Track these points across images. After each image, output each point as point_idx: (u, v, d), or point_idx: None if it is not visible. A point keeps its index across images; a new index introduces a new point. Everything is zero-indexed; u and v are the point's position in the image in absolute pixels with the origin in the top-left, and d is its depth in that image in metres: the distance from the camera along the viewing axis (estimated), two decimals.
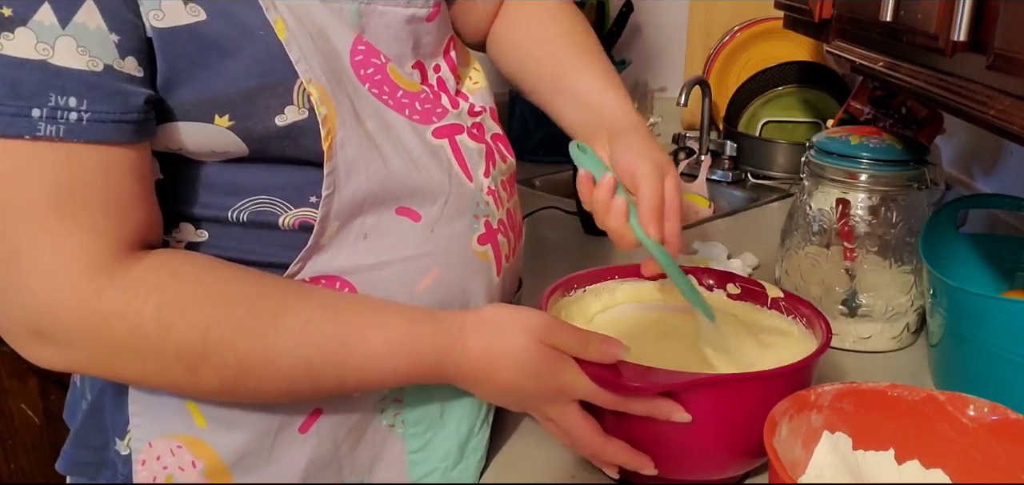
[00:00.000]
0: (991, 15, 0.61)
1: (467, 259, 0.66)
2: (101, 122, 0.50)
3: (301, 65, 0.55)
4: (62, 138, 0.49)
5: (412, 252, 0.62)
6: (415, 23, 0.64)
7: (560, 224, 1.34)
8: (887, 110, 1.33)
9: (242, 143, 0.56)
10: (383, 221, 0.61)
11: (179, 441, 0.62)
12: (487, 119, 0.71)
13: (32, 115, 0.48)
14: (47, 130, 0.48)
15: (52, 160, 0.49)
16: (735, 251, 1.19)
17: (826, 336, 0.69)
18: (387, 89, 0.62)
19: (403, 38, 0.64)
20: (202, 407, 0.61)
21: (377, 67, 0.62)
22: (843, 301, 0.94)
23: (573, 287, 0.80)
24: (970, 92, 0.68)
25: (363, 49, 0.61)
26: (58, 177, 0.49)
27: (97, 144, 0.50)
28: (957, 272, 0.90)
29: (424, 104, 0.65)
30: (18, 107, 0.48)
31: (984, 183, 1.29)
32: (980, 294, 0.82)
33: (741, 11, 1.75)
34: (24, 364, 1.65)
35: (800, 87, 1.67)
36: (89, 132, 0.50)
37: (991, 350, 0.78)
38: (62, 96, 0.49)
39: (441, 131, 0.66)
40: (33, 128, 0.48)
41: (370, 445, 0.66)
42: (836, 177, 0.95)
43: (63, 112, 0.49)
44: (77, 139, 0.49)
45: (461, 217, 0.65)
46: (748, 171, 1.63)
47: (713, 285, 0.83)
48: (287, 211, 0.59)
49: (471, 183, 0.67)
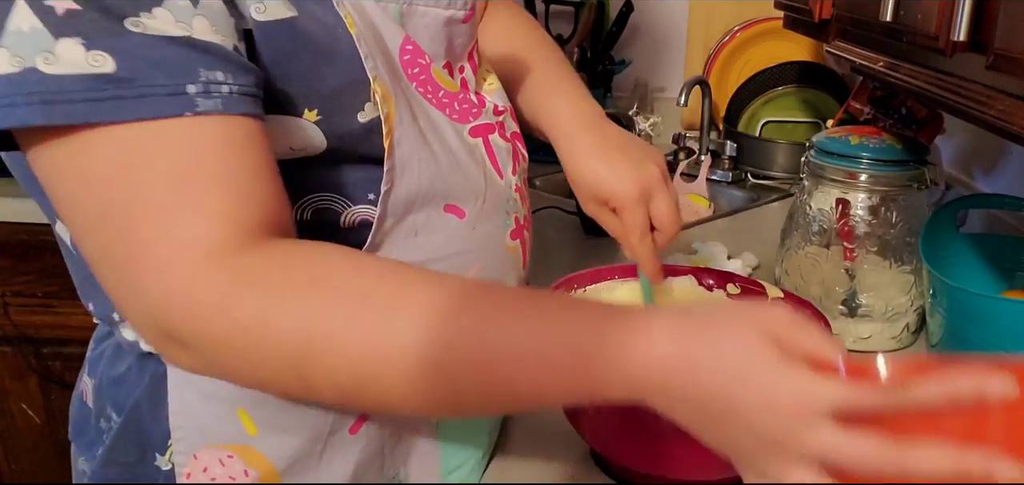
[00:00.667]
0: (991, 15, 0.61)
1: (502, 255, 0.67)
2: (245, 95, 0.48)
3: (369, 62, 0.55)
4: (222, 111, 0.47)
5: (458, 248, 0.63)
6: (452, 25, 0.64)
7: (560, 224, 1.34)
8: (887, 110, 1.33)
9: (324, 139, 0.55)
10: (432, 218, 0.61)
11: (230, 450, 0.60)
12: (508, 118, 0.72)
13: (188, 91, 0.46)
14: (205, 105, 0.46)
15: (179, 142, 0.46)
16: (735, 251, 1.19)
17: None
18: (431, 88, 0.62)
19: (439, 39, 0.63)
20: (252, 412, 0.59)
21: (422, 67, 0.62)
22: (843, 301, 0.94)
23: (573, 287, 0.80)
24: (970, 92, 0.68)
25: (411, 49, 0.61)
26: (182, 160, 0.46)
27: (244, 117, 0.48)
28: (957, 272, 0.90)
29: (461, 104, 0.66)
30: (173, 85, 0.45)
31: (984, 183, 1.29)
32: (980, 294, 0.82)
33: (741, 11, 1.75)
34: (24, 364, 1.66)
35: (800, 87, 1.67)
36: (239, 105, 0.48)
37: (991, 350, 0.78)
38: (210, 70, 0.47)
39: (476, 130, 0.66)
40: (193, 105, 0.46)
41: (406, 439, 0.66)
42: (836, 177, 0.95)
43: (215, 86, 0.47)
44: (231, 111, 0.47)
45: (496, 214, 0.66)
46: (748, 171, 1.63)
47: (713, 285, 0.83)
48: (348, 208, 0.58)
49: (502, 181, 0.67)
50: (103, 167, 0.46)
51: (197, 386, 0.59)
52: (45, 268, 1.47)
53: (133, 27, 0.45)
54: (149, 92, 0.45)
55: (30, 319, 1.50)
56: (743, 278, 0.82)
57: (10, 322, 1.50)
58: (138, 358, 0.61)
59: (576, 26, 1.76)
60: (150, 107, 0.45)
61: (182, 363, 0.51)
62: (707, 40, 1.81)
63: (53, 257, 1.45)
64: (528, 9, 1.75)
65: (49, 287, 1.48)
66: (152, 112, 0.45)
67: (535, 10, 1.75)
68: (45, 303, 1.49)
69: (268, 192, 0.50)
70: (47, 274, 1.47)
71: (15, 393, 1.54)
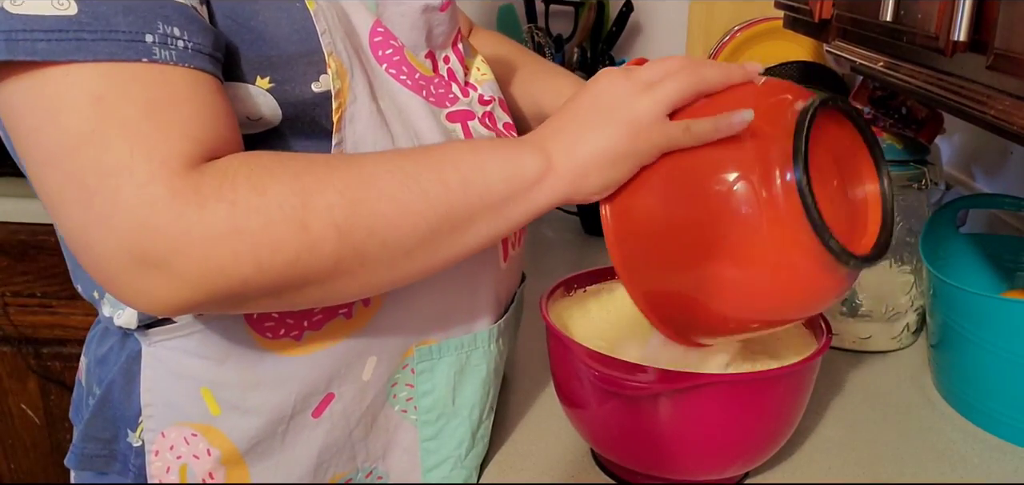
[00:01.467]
0: (991, 15, 0.61)
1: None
2: (200, 52, 0.50)
3: (325, 37, 0.56)
4: (175, 62, 0.49)
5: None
6: (429, 12, 0.65)
7: (560, 224, 1.34)
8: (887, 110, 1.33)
9: (278, 108, 0.56)
10: None
11: (193, 429, 0.62)
12: (497, 108, 0.72)
13: (145, 40, 0.48)
14: (161, 54, 0.49)
15: (150, 81, 0.49)
16: None
17: (826, 336, 0.69)
18: (405, 70, 0.63)
19: (418, 27, 0.65)
20: (216, 392, 0.61)
21: (396, 49, 0.63)
22: (843, 301, 0.94)
23: (573, 287, 0.80)
24: (970, 92, 0.68)
25: (382, 31, 0.62)
26: (153, 94, 0.49)
27: (199, 71, 0.50)
28: (957, 272, 0.90)
29: (438, 89, 0.66)
30: (132, 33, 0.48)
31: (984, 183, 1.29)
32: (980, 294, 0.82)
33: (741, 11, 1.75)
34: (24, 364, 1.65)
35: None
36: (194, 59, 0.50)
37: (991, 350, 0.78)
38: (168, 24, 0.49)
39: (454, 116, 0.67)
40: (149, 51, 0.48)
41: (383, 432, 0.67)
42: None
43: (172, 39, 0.49)
44: (185, 64, 0.50)
45: None
46: None
47: None
48: None
49: None
50: (74, 97, 0.47)
51: (167, 364, 0.61)
52: (44, 268, 1.47)
53: None
54: (110, 36, 0.47)
55: (29, 319, 1.50)
56: None
57: (10, 322, 1.50)
58: (120, 337, 0.63)
59: (576, 26, 1.76)
60: (108, 49, 0.47)
61: (156, 289, 0.49)
62: (707, 40, 1.81)
63: (53, 257, 1.46)
64: (528, 9, 1.75)
65: (48, 287, 1.48)
66: (110, 54, 0.47)
67: (535, 10, 1.75)
68: (44, 303, 1.49)
69: (235, 135, 0.53)
70: (46, 274, 1.47)
71: (15, 393, 1.54)
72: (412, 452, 0.68)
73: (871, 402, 0.85)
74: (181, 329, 0.60)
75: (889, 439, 0.79)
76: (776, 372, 0.64)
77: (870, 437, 0.79)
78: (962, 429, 0.81)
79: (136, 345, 0.62)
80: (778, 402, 0.64)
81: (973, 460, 0.77)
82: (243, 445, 0.62)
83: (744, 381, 0.64)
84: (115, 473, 0.65)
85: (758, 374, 0.66)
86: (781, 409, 0.66)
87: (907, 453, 0.77)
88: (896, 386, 0.89)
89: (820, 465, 0.75)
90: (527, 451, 0.75)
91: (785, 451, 0.74)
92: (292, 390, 0.62)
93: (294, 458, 0.64)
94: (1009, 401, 0.78)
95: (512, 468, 0.74)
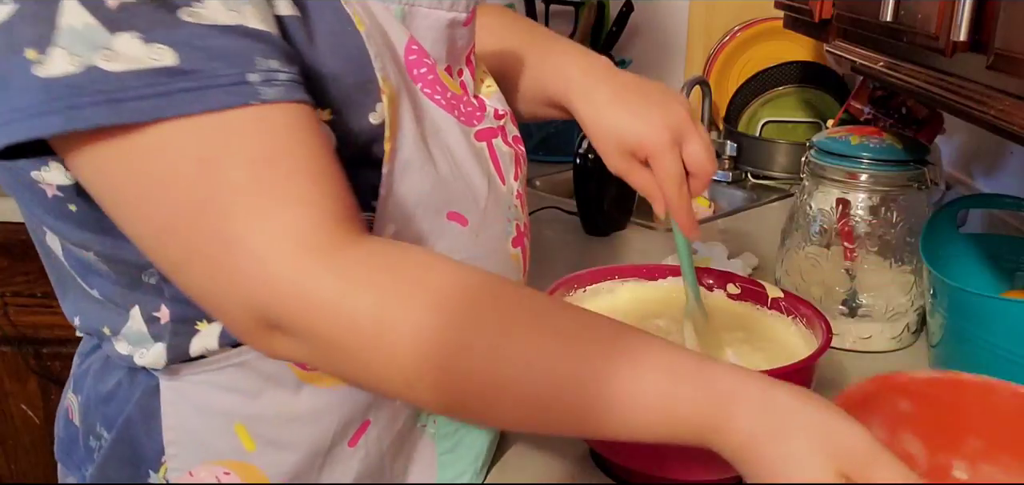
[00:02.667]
0: (991, 15, 0.61)
1: (504, 262, 0.66)
2: (296, 83, 0.47)
3: (378, 62, 0.53)
4: (283, 99, 0.45)
5: (461, 257, 0.61)
6: (454, 27, 0.61)
7: (560, 224, 1.34)
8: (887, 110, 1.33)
9: (335, 140, 0.53)
10: (436, 226, 0.59)
11: (226, 467, 0.59)
12: (508, 122, 0.69)
13: (249, 80, 0.44)
14: (267, 93, 0.45)
15: (251, 130, 0.45)
16: (735, 251, 1.19)
17: (826, 336, 0.69)
18: (439, 89, 0.60)
19: (441, 41, 0.61)
20: (251, 428, 0.58)
21: (429, 67, 0.60)
22: (843, 301, 0.94)
23: (573, 287, 0.80)
24: (970, 92, 0.68)
25: (416, 49, 0.59)
26: (259, 149, 0.45)
27: (301, 103, 0.47)
28: (957, 272, 0.90)
29: (466, 107, 0.64)
30: (235, 74, 0.44)
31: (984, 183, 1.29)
32: (980, 294, 0.82)
33: (741, 11, 1.75)
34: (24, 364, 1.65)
35: (800, 87, 1.67)
36: (294, 92, 0.46)
37: (991, 350, 0.78)
38: (266, 59, 0.45)
39: (481, 134, 0.64)
40: (256, 94, 0.44)
41: (408, 449, 0.65)
42: (836, 177, 0.95)
43: (273, 74, 0.45)
44: (290, 99, 0.46)
45: (499, 221, 0.65)
46: (748, 171, 1.63)
47: (713, 285, 0.83)
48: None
49: (504, 186, 0.66)
50: (179, 163, 0.44)
51: (192, 400, 0.58)
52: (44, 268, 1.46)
53: (188, 17, 0.43)
54: (213, 83, 0.43)
55: (30, 319, 1.50)
56: (743, 278, 0.82)
57: (10, 322, 1.50)
58: (128, 372, 0.59)
59: (576, 26, 1.76)
60: (216, 98, 0.43)
61: (286, 352, 0.48)
62: (707, 40, 1.81)
63: None
64: (528, 9, 1.75)
65: (48, 287, 1.46)
66: (219, 103, 0.43)
67: (535, 10, 1.75)
68: (45, 303, 1.49)
69: (341, 179, 0.49)
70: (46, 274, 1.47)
71: (14, 393, 1.54)
72: (430, 466, 0.67)
73: None
74: (212, 363, 0.57)
75: None
76: (777, 372, 0.64)
77: None
78: None
79: (151, 380, 0.58)
80: None
81: None
82: (281, 480, 0.59)
83: None
84: None
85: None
86: None
87: None
88: None
89: None
90: (528, 451, 0.75)
91: None
92: (331, 421, 0.59)
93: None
94: None
95: (512, 468, 0.74)
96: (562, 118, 0.77)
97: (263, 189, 0.45)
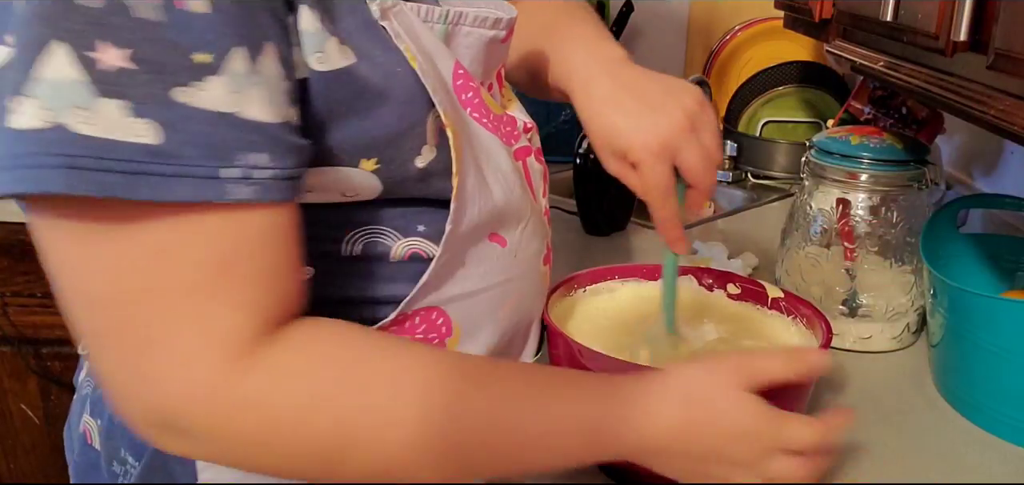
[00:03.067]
0: (991, 15, 0.61)
1: (537, 280, 0.66)
2: (283, 179, 0.44)
3: (438, 96, 0.51)
4: (250, 200, 0.43)
5: (500, 278, 0.61)
6: (494, 45, 0.60)
7: (560, 224, 1.34)
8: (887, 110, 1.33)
9: (380, 185, 0.53)
10: (479, 248, 0.59)
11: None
12: (535, 137, 0.68)
13: (221, 175, 0.42)
14: (236, 192, 0.42)
15: (219, 230, 0.43)
16: (735, 251, 1.19)
17: (826, 336, 0.69)
18: (484, 112, 0.59)
19: (479, 60, 0.59)
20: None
21: (474, 90, 0.58)
22: (843, 301, 0.94)
23: (573, 287, 0.80)
24: (970, 92, 0.68)
25: (462, 73, 0.57)
26: (220, 250, 0.43)
27: (274, 206, 0.44)
28: (957, 272, 0.90)
29: (507, 126, 0.63)
30: (208, 168, 0.41)
31: (984, 183, 1.29)
32: (980, 294, 0.82)
33: (741, 11, 1.75)
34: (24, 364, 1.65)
35: (800, 87, 1.67)
36: (272, 192, 0.44)
37: (991, 350, 0.78)
38: (256, 152, 0.42)
39: (519, 153, 0.64)
40: (222, 193, 0.42)
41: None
42: (836, 177, 0.95)
43: (258, 171, 0.43)
44: (262, 200, 0.43)
45: (535, 239, 0.64)
46: (748, 171, 1.63)
47: (713, 285, 0.83)
48: (398, 241, 0.56)
49: (537, 204, 0.66)
50: (133, 248, 0.42)
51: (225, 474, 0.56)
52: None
53: (182, 97, 0.41)
54: (186, 172, 0.41)
55: (30, 319, 1.50)
56: (743, 278, 0.82)
57: (9, 322, 1.50)
58: None
59: None
60: (184, 190, 0.41)
61: (175, 450, 0.48)
62: (707, 40, 1.81)
63: None
64: None
65: (49, 287, 1.47)
66: (185, 195, 0.41)
67: None
68: (45, 303, 1.49)
69: (294, 284, 0.48)
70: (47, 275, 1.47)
71: (15, 393, 1.54)
72: None
73: (871, 402, 0.85)
74: None
75: (889, 439, 0.79)
76: None
77: (870, 437, 0.79)
78: (962, 429, 0.81)
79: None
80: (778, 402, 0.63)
81: (973, 460, 0.77)
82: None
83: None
84: None
85: None
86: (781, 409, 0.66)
87: (907, 453, 0.77)
88: (896, 386, 0.89)
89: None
90: None
91: None
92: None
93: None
94: (1009, 401, 0.78)
95: None
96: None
97: (211, 294, 0.43)
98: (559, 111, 1.70)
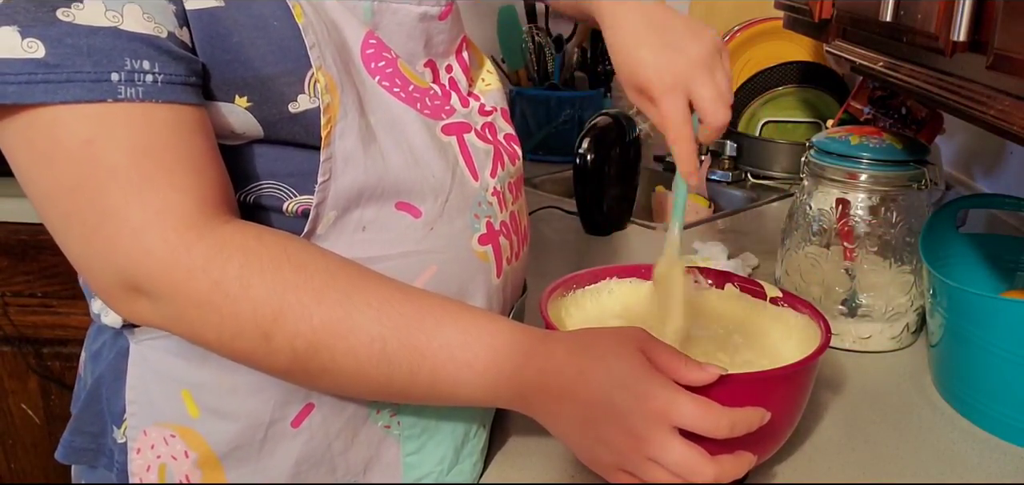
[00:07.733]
0: (991, 15, 0.61)
1: (466, 258, 0.66)
2: (172, 84, 0.52)
3: (314, 51, 0.56)
4: (141, 99, 0.50)
5: (410, 248, 0.63)
6: (427, 21, 0.64)
7: (560, 224, 1.34)
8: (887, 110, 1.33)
9: (259, 126, 0.57)
10: (382, 215, 0.61)
11: (172, 430, 0.62)
12: (498, 119, 0.71)
13: (111, 79, 0.49)
14: (127, 92, 0.50)
15: (131, 122, 0.50)
16: (735, 251, 1.19)
17: (825, 336, 0.69)
18: (399, 82, 0.63)
19: (415, 36, 0.64)
20: (195, 395, 0.61)
21: (388, 60, 0.62)
22: (843, 301, 0.94)
23: (573, 287, 0.80)
24: (970, 92, 0.68)
25: (374, 43, 0.61)
26: (137, 139, 0.51)
27: (172, 104, 0.52)
28: (957, 272, 0.90)
29: (433, 101, 0.65)
30: (97, 72, 0.49)
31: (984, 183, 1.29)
32: (980, 294, 0.82)
33: (741, 11, 1.75)
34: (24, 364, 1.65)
35: (800, 87, 1.67)
36: (164, 93, 0.51)
37: (991, 350, 0.78)
38: (136, 59, 0.50)
39: (450, 128, 0.66)
40: (114, 91, 0.49)
41: (364, 446, 0.66)
42: (836, 177, 0.95)
43: (139, 75, 0.50)
44: (154, 99, 0.51)
45: (462, 216, 0.65)
46: (748, 171, 1.63)
47: (713, 285, 0.83)
48: (292, 197, 0.59)
49: (476, 182, 0.67)
50: (65, 142, 0.50)
51: (151, 363, 0.61)
52: (45, 268, 1.47)
53: (63, 17, 0.48)
54: (75, 77, 0.48)
55: (30, 319, 1.50)
56: (743, 278, 0.82)
57: (10, 322, 1.50)
58: (112, 335, 0.63)
59: (576, 26, 1.76)
60: (75, 91, 0.49)
61: (144, 315, 0.54)
62: None
63: (53, 257, 1.46)
64: (528, 10, 1.75)
65: (48, 287, 1.48)
66: (78, 96, 0.49)
67: (535, 11, 1.75)
68: (45, 303, 1.49)
69: (221, 175, 0.55)
70: (47, 274, 1.47)
71: (15, 393, 1.54)
72: (395, 467, 0.68)
73: (871, 402, 0.85)
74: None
75: (889, 439, 0.79)
76: (776, 372, 0.64)
77: (870, 437, 0.79)
78: (962, 429, 0.81)
79: (125, 342, 0.62)
80: (778, 402, 0.64)
81: (973, 460, 0.77)
82: (221, 449, 0.62)
83: (744, 381, 0.64)
84: (103, 468, 0.66)
85: (758, 374, 0.65)
86: (781, 409, 0.66)
87: (907, 453, 0.77)
88: (896, 386, 0.89)
89: (820, 465, 0.75)
90: (527, 451, 0.75)
91: (785, 451, 0.74)
92: (269, 397, 0.61)
93: (272, 466, 0.63)
94: (1009, 401, 0.78)
95: (512, 467, 0.74)
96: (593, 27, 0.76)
97: (142, 174, 0.51)
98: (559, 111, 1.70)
